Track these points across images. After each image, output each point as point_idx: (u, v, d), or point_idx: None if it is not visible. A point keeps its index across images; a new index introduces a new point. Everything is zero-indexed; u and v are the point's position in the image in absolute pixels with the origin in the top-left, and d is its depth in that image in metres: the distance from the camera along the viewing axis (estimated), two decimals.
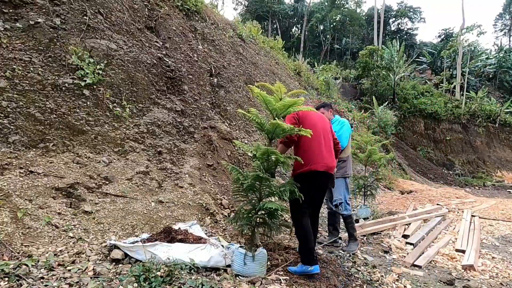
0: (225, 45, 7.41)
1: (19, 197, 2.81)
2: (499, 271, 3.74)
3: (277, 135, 2.89)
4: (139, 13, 5.47)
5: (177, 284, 2.33)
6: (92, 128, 3.84)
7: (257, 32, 10.38)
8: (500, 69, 29.62)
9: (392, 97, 20.15)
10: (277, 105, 2.82)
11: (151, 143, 4.37)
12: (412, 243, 4.42)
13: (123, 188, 3.57)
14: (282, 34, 34.61)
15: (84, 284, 2.20)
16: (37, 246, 2.57)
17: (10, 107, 3.27)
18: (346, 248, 3.93)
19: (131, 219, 3.29)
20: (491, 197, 11.00)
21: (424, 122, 20.47)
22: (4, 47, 3.49)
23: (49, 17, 3.95)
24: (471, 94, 22.54)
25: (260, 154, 2.72)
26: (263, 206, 2.69)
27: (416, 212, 6.37)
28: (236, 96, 6.58)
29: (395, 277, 3.27)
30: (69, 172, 3.32)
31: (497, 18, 43.06)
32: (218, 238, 3.37)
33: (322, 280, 2.82)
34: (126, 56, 4.65)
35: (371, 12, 36.95)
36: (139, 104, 4.58)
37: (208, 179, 4.55)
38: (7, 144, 3.12)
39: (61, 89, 3.74)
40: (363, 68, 20.18)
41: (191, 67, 5.84)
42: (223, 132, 5.47)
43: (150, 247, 2.65)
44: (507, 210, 7.47)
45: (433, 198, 8.64)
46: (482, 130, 21.10)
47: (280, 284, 2.66)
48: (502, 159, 20.83)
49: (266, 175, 2.72)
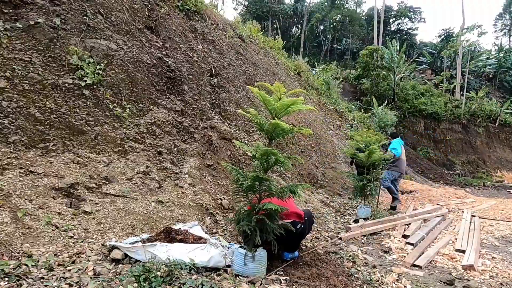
0: (225, 45, 7.41)
1: (19, 197, 2.81)
2: (499, 271, 3.74)
3: (277, 135, 2.89)
4: (139, 13, 5.47)
5: (177, 284, 2.33)
6: (92, 128, 3.84)
7: (257, 32, 10.37)
8: (500, 69, 29.61)
9: (392, 97, 20.14)
10: (277, 104, 2.82)
11: (151, 143, 4.37)
12: (412, 243, 4.41)
13: (123, 188, 3.57)
14: (282, 34, 34.60)
15: (84, 284, 2.20)
16: (37, 246, 2.57)
17: (10, 107, 3.27)
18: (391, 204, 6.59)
19: (131, 219, 3.29)
20: (491, 197, 11.00)
21: (424, 122, 20.46)
22: (4, 47, 3.49)
23: (49, 17, 3.95)
24: (471, 94, 22.54)
25: (260, 154, 2.72)
26: (263, 206, 2.69)
27: (416, 212, 6.36)
28: (236, 96, 6.58)
29: (395, 277, 3.27)
30: (69, 172, 3.32)
31: (497, 18, 43.03)
32: (218, 238, 3.37)
33: (322, 280, 2.83)
34: (126, 56, 4.65)
35: (371, 12, 36.94)
36: (139, 104, 4.58)
37: (208, 179, 4.55)
38: (7, 144, 3.12)
39: (61, 89, 3.74)
40: (363, 68, 20.17)
41: (191, 67, 5.84)
42: (223, 132, 5.47)
43: (150, 247, 2.65)
44: (507, 210, 7.46)
45: (433, 198, 8.64)
46: (482, 130, 21.10)
47: (280, 284, 2.66)
48: (502, 159, 20.83)
49: (266, 176, 2.72)
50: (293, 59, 15.24)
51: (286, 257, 3.19)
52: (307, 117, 9.16)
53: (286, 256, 3.19)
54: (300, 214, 3.16)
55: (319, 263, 3.21)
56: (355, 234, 4.66)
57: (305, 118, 8.96)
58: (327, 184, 7.46)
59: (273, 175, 5.86)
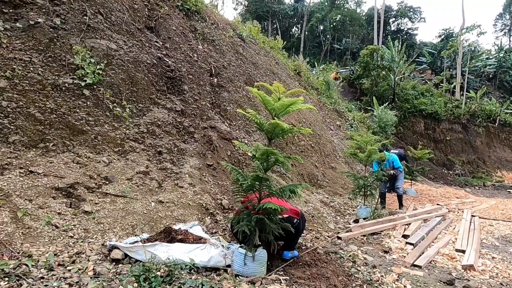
0: (225, 45, 7.40)
1: (19, 197, 2.81)
2: (499, 271, 3.74)
3: (277, 135, 2.89)
4: (139, 13, 5.47)
5: (177, 284, 2.33)
6: (92, 128, 3.84)
7: (257, 32, 10.36)
8: (500, 69, 29.58)
9: (392, 97, 20.12)
10: (276, 104, 2.82)
11: (151, 143, 4.37)
12: (412, 243, 4.41)
13: (123, 188, 3.57)
14: (282, 34, 34.58)
15: (84, 284, 2.20)
16: (37, 246, 2.57)
17: (10, 107, 3.27)
18: (398, 209, 6.76)
19: (131, 219, 3.29)
20: (491, 197, 10.99)
21: (424, 122, 20.43)
22: (4, 47, 3.49)
23: (49, 17, 3.95)
24: (471, 94, 22.52)
25: (260, 154, 2.72)
26: (263, 206, 2.69)
27: (416, 212, 6.36)
28: (236, 96, 6.58)
29: (395, 277, 3.27)
30: (69, 172, 3.32)
31: (497, 18, 43.02)
32: (218, 238, 3.37)
33: (322, 280, 2.83)
34: (126, 56, 4.65)
35: (371, 12, 36.92)
36: (139, 104, 4.58)
37: (208, 179, 4.55)
38: (7, 144, 3.12)
39: (61, 89, 3.74)
40: (363, 68, 20.14)
41: (191, 67, 5.84)
42: (223, 132, 5.47)
43: (150, 247, 2.65)
44: (507, 210, 7.47)
45: (433, 198, 8.64)
46: (482, 130, 21.07)
47: (280, 284, 2.66)
48: (502, 159, 20.81)
49: (266, 175, 2.72)
50: (293, 59, 15.22)
51: (286, 256, 3.21)
52: (307, 117, 9.16)
53: (286, 255, 3.21)
54: (296, 210, 3.29)
55: (319, 263, 3.21)
56: (355, 234, 4.66)
57: (305, 118, 8.96)
58: (327, 184, 7.46)
59: (273, 175, 5.86)
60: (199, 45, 6.49)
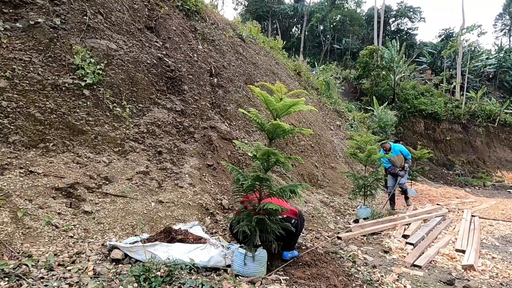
0: (225, 45, 7.40)
1: (19, 197, 2.81)
2: (499, 271, 3.74)
3: (278, 135, 2.89)
4: (139, 13, 5.47)
5: (177, 284, 2.33)
6: (92, 128, 3.83)
7: (257, 32, 10.36)
8: (500, 69, 29.58)
9: (392, 97, 20.12)
10: (278, 105, 2.82)
11: (151, 143, 4.37)
12: (412, 243, 4.41)
13: (123, 188, 3.57)
14: (282, 34, 34.58)
15: (84, 284, 2.20)
16: (37, 246, 2.57)
17: (10, 107, 3.27)
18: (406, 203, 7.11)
19: (131, 219, 3.29)
20: (491, 197, 10.99)
21: (424, 122, 20.43)
22: (4, 47, 3.49)
23: (49, 17, 3.95)
24: (471, 94, 22.52)
25: (261, 155, 2.72)
26: (263, 206, 2.69)
27: (416, 212, 6.36)
28: (236, 96, 6.58)
29: (395, 277, 3.27)
30: (69, 172, 3.32)
31: (497, 18, 43.00)
32: (218, 238, 3.37)
33: (322, 280, 2.83)
34: (126, 56, 4.65)
35: (371, 12, 36.92)
36: (139, 104, 4.58)
37: (208, 179, 4.55)
38: (7, 144, 3.12)
39: (61, 89, 3.74)
40: (363, 68, 20.14)
41: (191, 67, 5.84)
42: (223, 132, 5.47)
43: (150, 247, 2.65)
44: (507, 210, 7.47)
45: (433, 198, 8.64)
46: (482, 130, 21.07)
47: (280, 284, 2.66)
48: (502, 159, 20.81)
49: (266, 176, 2.72)
50: (293, 59, 15.22)
51: (286, 256, 3.21)
52: (307, 117, 9.16)
53: (286, 256, 3.21)
54: (294, 211, 3.28)
55: (319, 263, 3.21)
56: (355, 234, 4.66)
57: (305, 118, 8.96)
58: (327, 184, 7.46)
59: (273, 175, 5.86)
60: (199, 45, 6.49)
